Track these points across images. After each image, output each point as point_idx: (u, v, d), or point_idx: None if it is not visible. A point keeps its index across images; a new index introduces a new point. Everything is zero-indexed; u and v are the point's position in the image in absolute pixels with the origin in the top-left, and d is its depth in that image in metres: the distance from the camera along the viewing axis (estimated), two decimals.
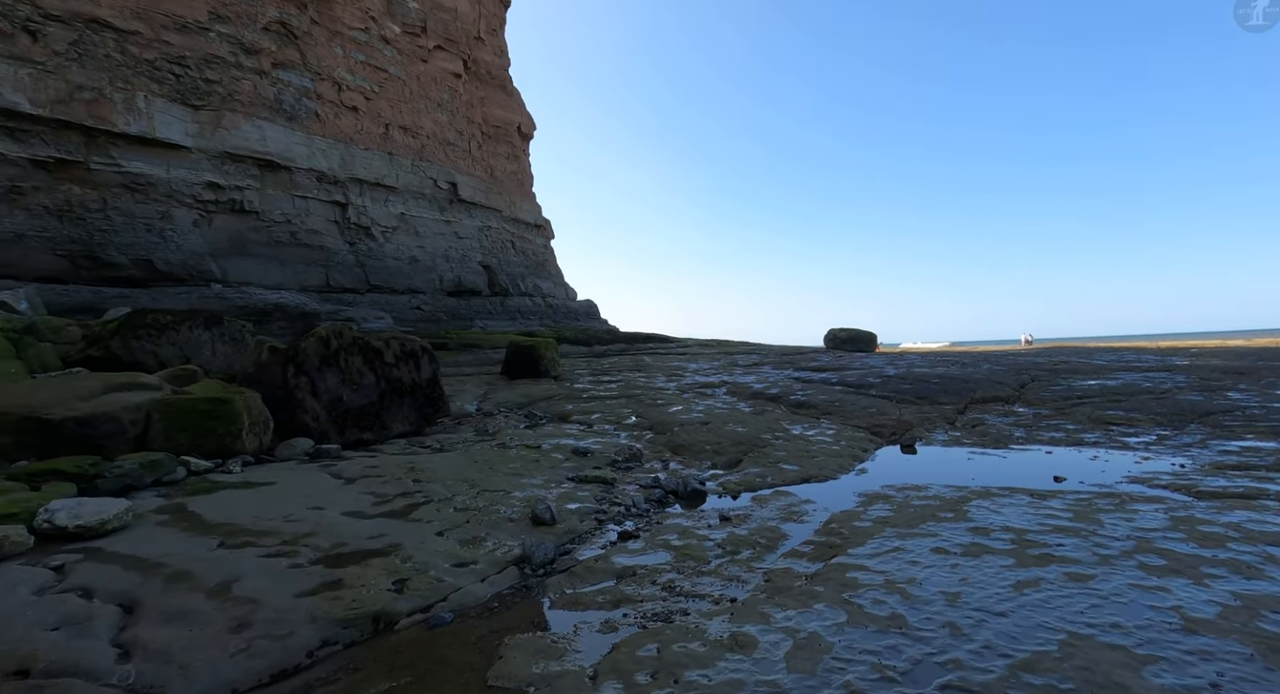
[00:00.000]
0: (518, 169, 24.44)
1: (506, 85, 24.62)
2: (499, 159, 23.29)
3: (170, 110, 12.76)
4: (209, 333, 6.14)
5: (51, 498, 2.70)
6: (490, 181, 22.03)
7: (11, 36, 10.75)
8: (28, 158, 11.03)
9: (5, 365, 4.56)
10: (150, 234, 12.44)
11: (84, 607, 1.86)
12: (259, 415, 4.05)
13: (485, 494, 3.15)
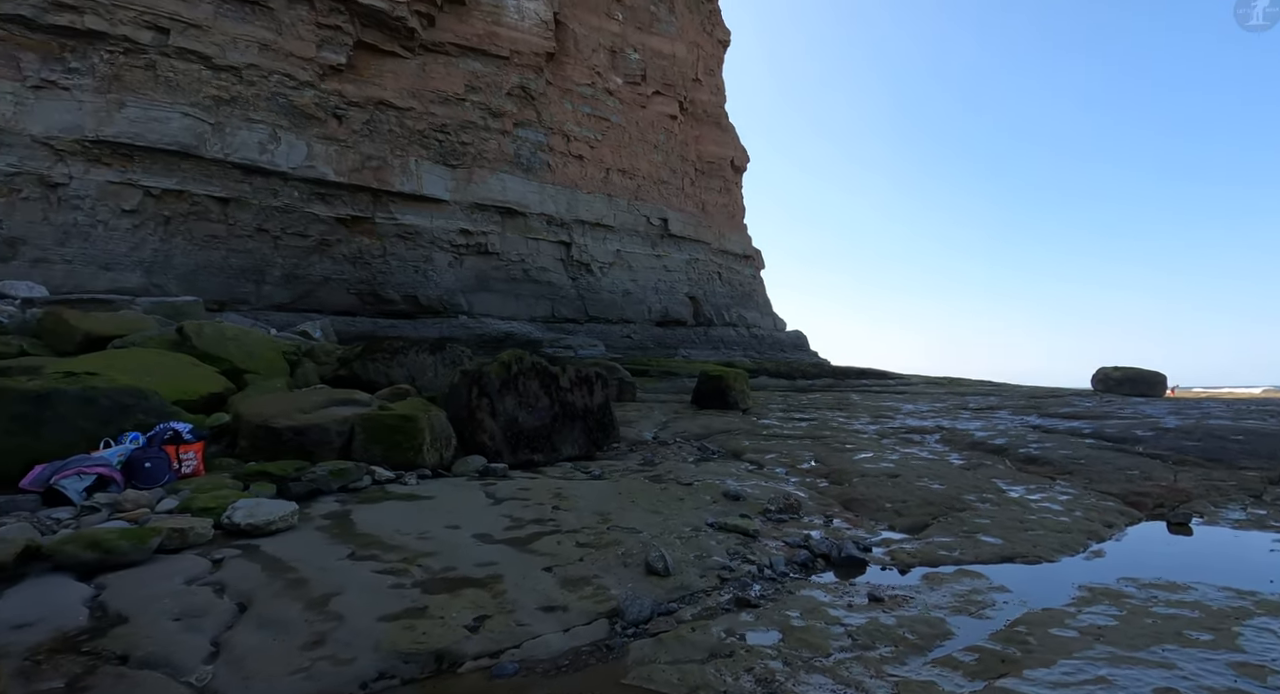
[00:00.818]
0: (729, 202, 24.68)
1: (721, 121, 25.17)
2: (710, 193, 23.76)
3: (434, 170, 15.18)
4: (432, 357, 6.93)
5: (254, 496, 3.12)
6: (700, 215, 22.52)
7: (324, 122, 13.69)
8: (333, 217, 13.86)
9: (275, 381, 5.56)
10: (416, 274, 14.81)
11: (209, 601, 2.03)
12: (441, 432, 4.37)
13: (612, 531, 2.96)
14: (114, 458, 3.14)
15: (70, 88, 11.32)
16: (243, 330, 6.61)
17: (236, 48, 12.77)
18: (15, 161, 10.79)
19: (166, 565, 2.30)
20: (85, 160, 11.34)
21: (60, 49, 11.36)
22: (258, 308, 12.76)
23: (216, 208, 12.57)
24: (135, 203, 11.74)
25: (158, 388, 4.20)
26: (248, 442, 3.91)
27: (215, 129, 12.46)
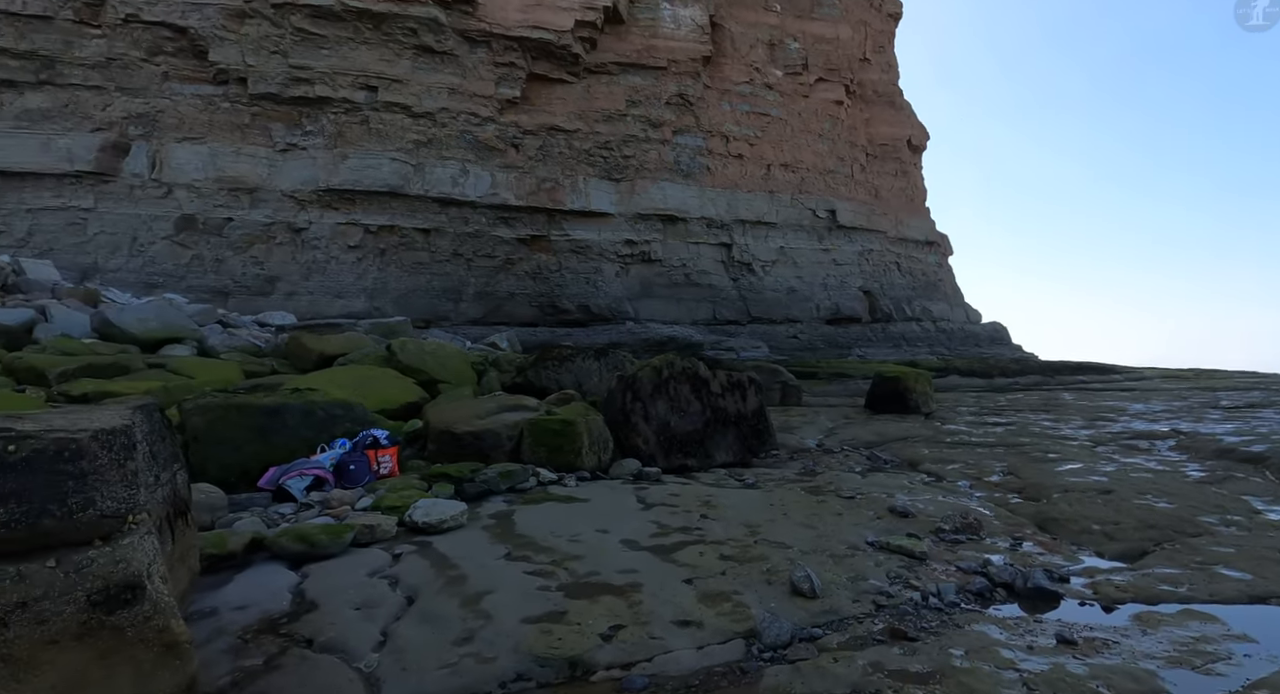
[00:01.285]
0: (906, 185, 22.88)
1: (894, 100, 23.46)
2: (885, 178, 22.21)
3: (600, 186, 15.94)
4: (597, 363, 7.25)
5: (434, 496, 3.46)
6: (873, 203, 21.13)
7: (504, 152, 14.97)
8: (515, 237, 15.11)
9: (463, 390, 6.15)
10: (587, 285, 15.64)
11: (384, 594, 2.27)
12: (599, 436, 4.53)
13: (759, 544, 2.84)
14: (327, 461, 3.67)
15: (307, 148, 13.61)
16: (438, 345, 7.42)
17: (430, 95, 14.47)
18: (270, 213, 13.20)
19: (356, 558, 2.61)
20: (320, 207, 13.55)
21: (299, 116, 13.70)
22: (456, 323, 14.30)
23: (420, 238, 14.32)
24: (358, 239, 13.77)
25: (365, 399, 4.85)
26: (435, 445, 4.36)
27: (416, 169, 14.22)
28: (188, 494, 2.14)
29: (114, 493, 1.35)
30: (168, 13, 13.10)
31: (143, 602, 1.31)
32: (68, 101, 12.82)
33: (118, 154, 12.91)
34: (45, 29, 12.60)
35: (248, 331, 9.05)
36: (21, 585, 1.21)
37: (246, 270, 13.06)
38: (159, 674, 1.32)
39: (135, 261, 12.53)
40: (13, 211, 12.17)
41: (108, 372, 5.11)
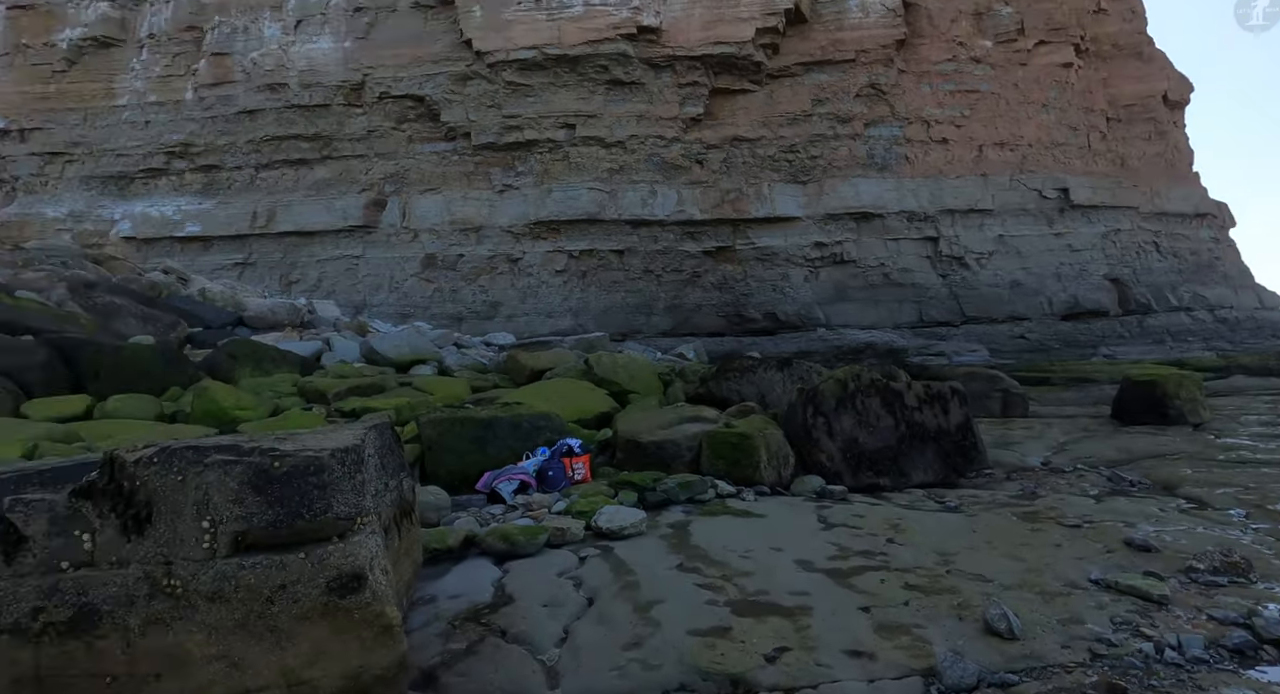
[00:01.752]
0: (1164, 149, 19.10)
1: (1142, 50, 19.79)
2: (1133, 143, 18.77)
3: (785, 190, 15.64)
4: (780, 374, 7.12)
5: (619, 503, 3.69)
6: (1118, 174, 17.95)
7: (689, 169, 15.39)
8: (701, 250, 15.43)
9: (650, 400, 6.44)
10: (774, 292, 15.41)
11: (568, 594, 2.49)
12: (778, 450, 4.46)
13: (952, 575, 2.59)
14: (531, 467, 4.09)
15: (519, 187, 15.27)
16: (629, 357, 7.85)
17: (620, 125, 15.42)
18: (492, 247, 15.02)
19: (548, 558, 2.89)
20: (531, 238, 15.10)
21: (512, 160, 15.43)
22: (649, 336, 14.97)
23: (615, 258, 15.26)
24: (563, 264, 15.09)
25: (563, 410, 5.30)
26: (622, 453, 4.63)
27: (610, 196, 15.21)
28: (413, 497, 2.53)
29: (346, 500, 1.67)
30: (409, 86, 15.61)
31: (364, 590, 1.61)
32: (342, 171, 15.89)
33: (377, 209, 15.66)
34: (325, 115, 15.76)
35: (476, 351, 10.36)
36: (283, 571, 1.56)
37: (475, 298, 15.01)
38: (377, 650, 1.61)
39: (393, 296, 15.08)
40: (307, 263, 15.38)
41: (369, 391, 6.19)
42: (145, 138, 16.11)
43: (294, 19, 16.15)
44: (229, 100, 15.92)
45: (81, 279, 8.51)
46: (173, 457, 1.61)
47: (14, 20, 16.35)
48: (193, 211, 15.79)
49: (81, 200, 16.12)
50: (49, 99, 16.22)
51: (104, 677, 1.52)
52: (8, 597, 1.52)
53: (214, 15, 16.28)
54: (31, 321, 5.97)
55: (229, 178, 16.15)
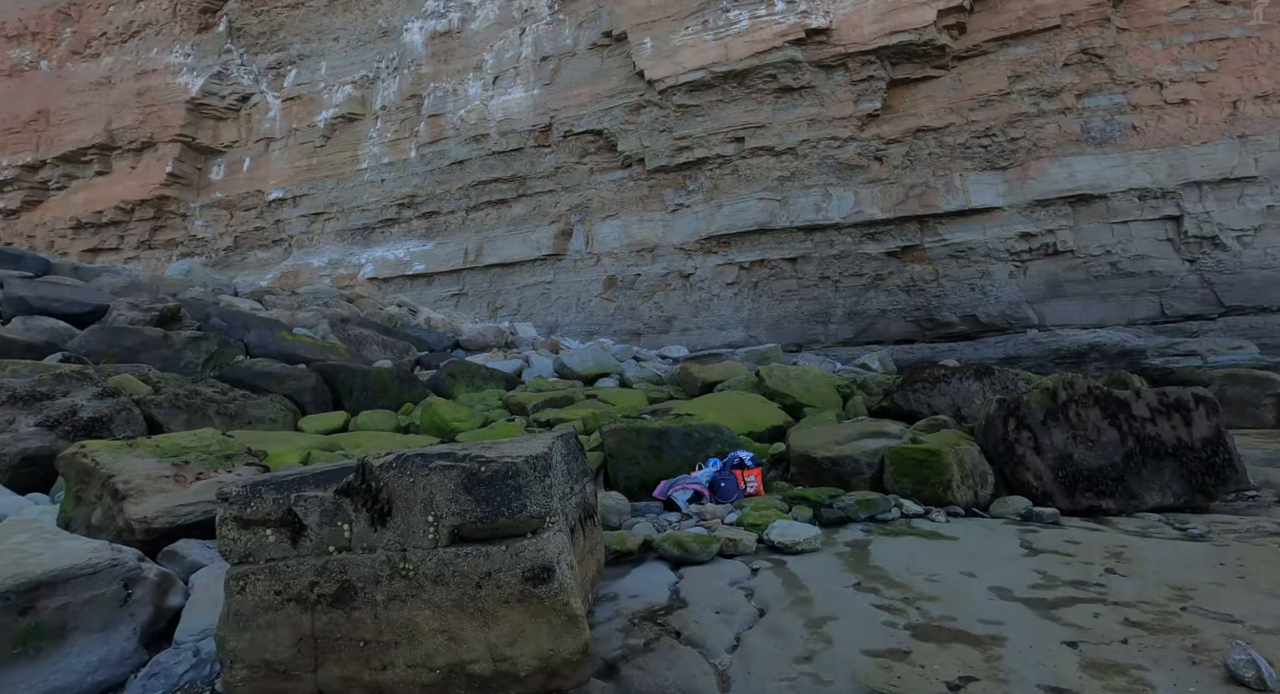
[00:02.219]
0: None
1: None
2: None
3: (981, 179, 14.22)
4: (978, 383, 6.51)
5: (792, 518, 3.66)
6: None
7: (867, 168, 14.64)
8: (883, 252, 14.57)
9: (826, 414, 6.25)
10: (973, 292, 14.03)
11: (740, 603, 2.54)
12: (973, 468, 4.11)
13: (1188, 612, 2.22)
14: (704, 477, 4.21)
15: (691, 205, 15.65)
16: (803, 369, 7.68)
17: (791, 131, 15.17)
18: (666, 265, 15.54)
19: (721, 567, 2.97)
20: (702, 253, 15.37)
21: (684, 179, 15.89)
22: (826, 346, 14.43)
23: (788, 267, 14.98)
24: (734, 276, 15.14)
25: (734, 423, 5.37)
26: (795, 468, 4.57)
27: (781, 204, 15.00)
28: (595, 501, 2.77)
29: (538, 500, 1.91)
30: (589, 122, 16.79)
31: (553, 581, 1.82)
32: (534, 207, 17.50)
33: (565, 238, 16.98)
34: (519, 157, 17.50)
35: (653, 364, 10.80)
36: (488, 561, 1.83)
37: (651, 314, 15.62)
38: (564, 637, 1.81)
39: (580, 316, 16.22)
40: (508, 290, 17.11)
41: (561, 403, 6.76)
42: (381, 194, 19.14)
43: (492, 76, 18.20)
44: (443, 154, 18.34)
45: (339, 315, 10.35)
46: (406, 462, 1.96)
47: (286, 109, 20.43)
48: (419, 252, 18.39)
49: (337, 250, 19.56)
50: (311, 170, 19.97)
51: (359, 641, 1.89)
52: (294, 572, 1.95)
53: (429, 83, 18.92)
54: (304, 353, 7.40)
55: (445, 221, 18.57)
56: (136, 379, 5.23)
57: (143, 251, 21.61)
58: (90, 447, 3.29)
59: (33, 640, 1.99)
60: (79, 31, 23.42)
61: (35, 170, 22.41)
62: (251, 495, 2.03)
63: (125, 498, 2.94)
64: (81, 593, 2.10)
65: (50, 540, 2.29)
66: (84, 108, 22.03)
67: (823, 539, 3.25)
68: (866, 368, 10.95)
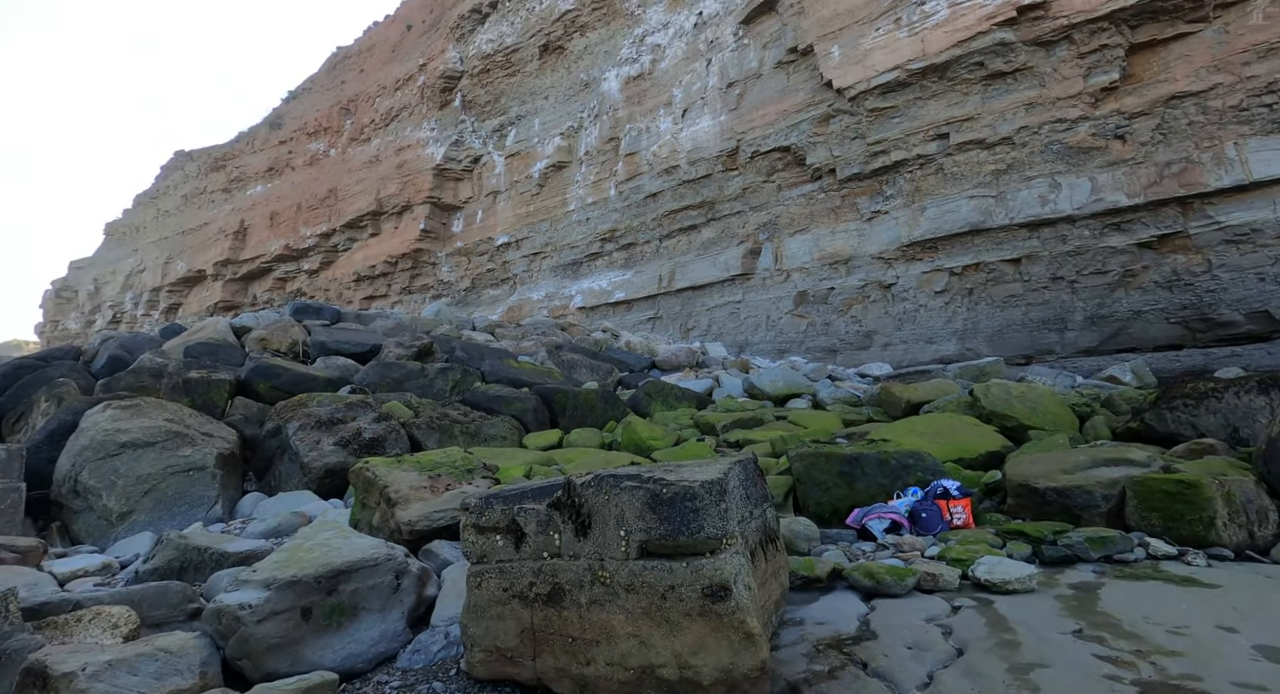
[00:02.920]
0: None
1: None
2: None
3: (1264, 146, 11.53)
4: (1265, 398, 5.33)
5: (1005, 554, 3.36)
6: None
7: (1105, 149, 12.67)
8: (1133, 244, 12.43)
9: (1057, 437, 5.54)
10: (1262, 283, 11.37)
11: (935, 640, 2.43)
12: (1245, 503, 3.42)
13: None
14: (902, 507, 4.02)
15: (888, 211, 14.82)
16: (1029, 387, 6.87)
17: (1004, 119, 13.72)
18: (863, 276, 14.84)
19: (917, 602, 2.85)
20: (904, 261, 14.42)
21: (880, 185, 15.12)
22: (1062, 356, 12.63)
23: (1010, 269, 13.44)
24: (943, 284, 13.96)
25: (940, 448, 5.02)
26: (1014, 500, 4.15)
27: (997, 200, 13.56)
28: (776, 526, 2.85)
29: (714, 523, 2.06)
30: (776, 140, 16.78)
31: (730, 599, 1.96)
32: (723, 229, 17.85)
33: (754, 257, 17.06)
34: (707, 183, 18.02)
35: (849, 383, 10.38)
36: (671, 575, 2.02)
37: (848, 329, 14.96)
38: (742, 652, 1.93)
39: (769, 334, 16.11)
40: (698, 311, 17.59)
41: (749, 424, 6.85)
42: (586, 231, 20.92)
43: (681, 109, 19.07)
44: (638, 189, 19.55)
45: (554, 342, 11.52)
46: (602, 482, 2.24)
47: (509, 164, 23.31)
48: (619, 281, 19.73)
49: (551, 284, 21.72)
50: (530, 215, 22.49)
51: (568, 637, 2.19)
52: (518, 573, 2.32)
53: (625, 125, 20.36)
54: (526, 377, 8.39)
55: (641, 251, 19.71)
56: (402, 405, 6.39)
57: (404, 296, 25.95)
58: (371, 462, 4.14)
59: (336, 616, 2.60)
60: (355, 122, 29.11)
61: (328, 237, 28.14)
62: (485, 506, 2.46)
63: (396, 504, 3.66)
64: (368, 580, 2.69)
65: (346, 537, 2.96)
66: (360, 183, 27.23)
67: (1040, 579, 2.95)
68: (1115, 381, 9.41)
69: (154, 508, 4.57)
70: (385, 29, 31.08)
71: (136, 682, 2.19)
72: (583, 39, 22.21)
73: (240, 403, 6.32)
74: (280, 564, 2.65)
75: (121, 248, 39.82)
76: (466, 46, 25.08)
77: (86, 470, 4.58)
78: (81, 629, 2.64)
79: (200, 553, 3.30)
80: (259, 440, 5.76)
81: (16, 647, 2.30)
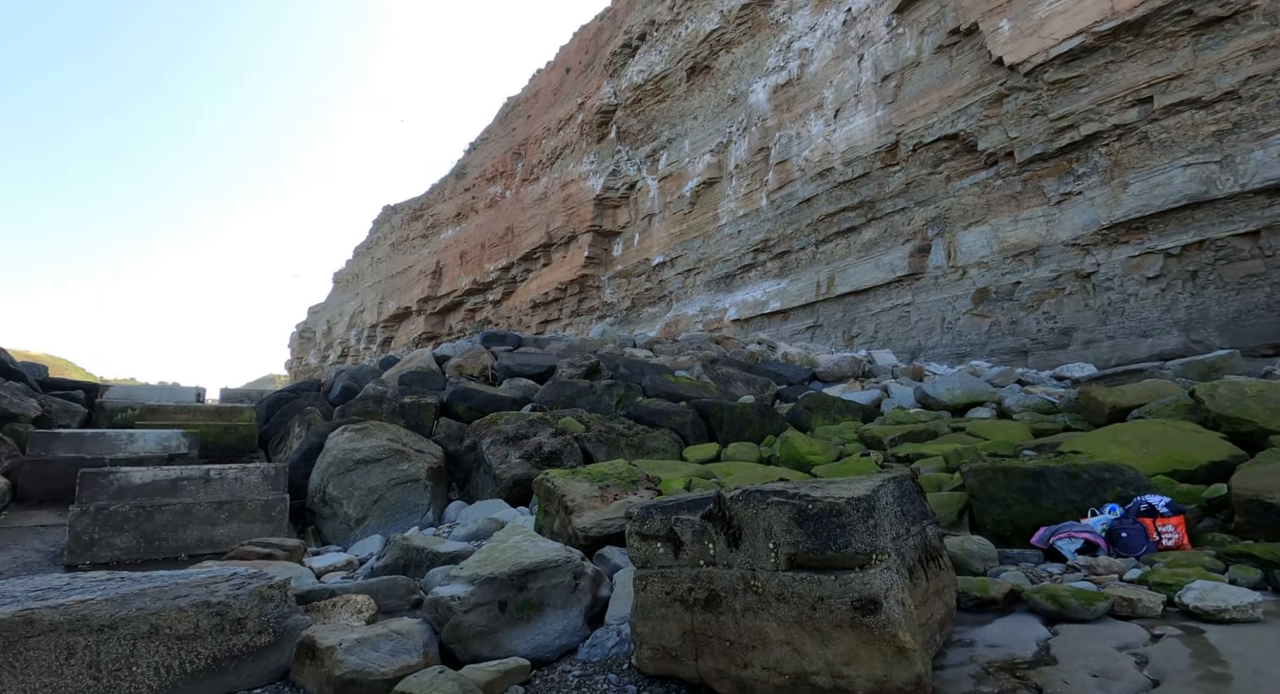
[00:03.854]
0: None
1: None
2: None
3: None
4: None
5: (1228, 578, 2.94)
6: None
7: None
8: None
9: None
10: None
11: (1125, 668, 2.24)
12: None
13: None
14: (1097, 525, 3.65)
15: (1081, 191, 13.18)
16: (1270, 384, 5.78)
17: (1224, 72, 11.67)
18: (1055, 267, 13.29)
19: (1108, 628, 2.61)
20: (1105, 246, 12.71)
21: (1068, 164, 13.51)
22: None
23: (1245, 244, 11.32)
24: (1157, 268, 12.09)
25: (1149, 460, 4.45)
26: (1242, 517, 3.59)
27: (1221, 165, 11.52)
28: (939, 544, 2.77)
29: (861, 539, 2.12)
30: (942, 129, 15.68)
31: (880, 613, 2.00)
32: (885, 229, 16.97)
33: (922, 255, 16.00)
34: (865, 183, 17.27)
35: (1043, 388, 9.36)
36: (820, 587, 2.11)
37: (1040, 327, 13.44)
38: (895, 667, 1.96)
39: (945, 338, 14.94)
40: (863, 317, 16.80)
41: (921, 437, 6.51)
42: (738, 244, 21.00)
43: (833, 110, 18.54)
44: (791, 196, 19.27)
45: (709, 357, 11.74)
46: (750, 497, 2.39)
47: (661, 187, 24.15)
48: (774, 291, 19.51)
49: (705, 299, 22.04)
50: (683, 234, 23.07)
51: (725, 640, 2.35)
52: (677, 578, 2.53)
53: (774, 134, 20.22)
54: (683, 392, 8.67)
55: (796, 258, 19.35)
56: (575, 420, 6.96)
57: (574, 318, 27.79)
58: (551, 473, 4.61)
59: (526, 610, 2.99)
60: (525, 164, 31.89)
61: (508, 270, 31.00)
62: (646, 516, 2.70)
63: (572, 512, 4.06)
64: (550, 579, 3.06)
65: (532, 541, 3.38)
66: (532, 219, 29.73)
67: (1268, 608, 2.57)
68: None
69: (381, 514, 5.46)
70: (547, 75, 33.80)
71: (377, 656, 2.70)
72: (728, 55, 22.48)
73: (444, 422, 7.28)
74: (481, 563, 3.11)
75: (346, 293, 47.02)
76: (619, 80, 26.49)
77: (331, 483, 5.58)
78: (335, 612, 3.28)
79: (419, 552, 3.92)
80: (459, 455, 6.60)
81: (292, 625, 2.93)
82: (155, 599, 2.60)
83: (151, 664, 2.50)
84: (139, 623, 2.50)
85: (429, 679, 2.41)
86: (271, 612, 2.82)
